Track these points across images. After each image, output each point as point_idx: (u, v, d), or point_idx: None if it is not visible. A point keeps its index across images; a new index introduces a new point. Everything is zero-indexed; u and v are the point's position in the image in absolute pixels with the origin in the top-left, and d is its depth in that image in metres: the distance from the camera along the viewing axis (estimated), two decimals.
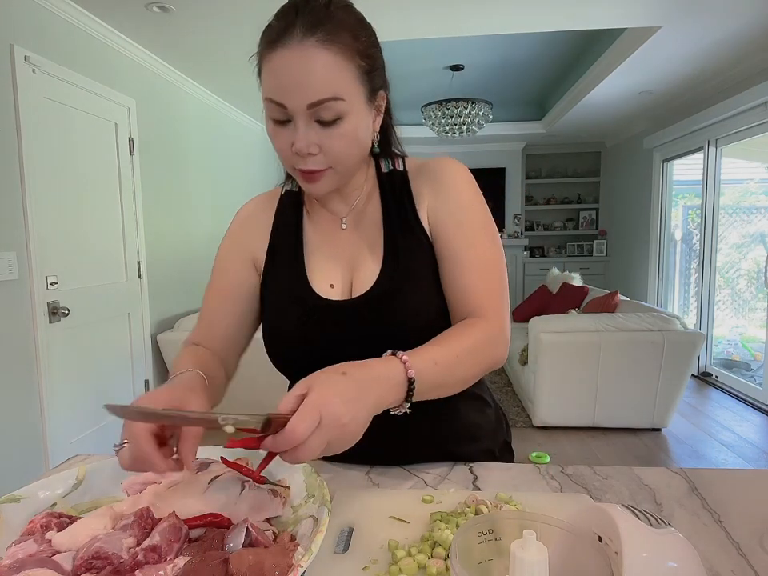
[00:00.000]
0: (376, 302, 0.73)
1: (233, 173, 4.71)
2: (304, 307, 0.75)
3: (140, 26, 2.84)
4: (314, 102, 0.64)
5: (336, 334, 0.74)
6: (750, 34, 3.15)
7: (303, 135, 0.65)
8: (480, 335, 0.70)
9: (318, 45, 0.62)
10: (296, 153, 0.67)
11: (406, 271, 0.74)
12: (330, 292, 0.76)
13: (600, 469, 0.76)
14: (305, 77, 0.63)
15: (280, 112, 0.65)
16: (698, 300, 4.55)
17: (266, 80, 0.66)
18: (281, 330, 0.77)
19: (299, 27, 0.62)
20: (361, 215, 0.81)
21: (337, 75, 0.64)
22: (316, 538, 0.49)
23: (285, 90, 0.64)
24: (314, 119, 0.65)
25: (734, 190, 4.50)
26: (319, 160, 0.68)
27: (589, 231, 7.11)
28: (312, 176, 0.69)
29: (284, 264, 0.80)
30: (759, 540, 0.57)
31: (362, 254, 0.78)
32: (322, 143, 0.67)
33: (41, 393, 2.41)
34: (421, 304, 0.74)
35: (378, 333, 0.73)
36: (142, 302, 3.23)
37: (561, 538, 0.43)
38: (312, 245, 0.80)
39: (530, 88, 5.40)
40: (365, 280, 0.76)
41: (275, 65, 0.63)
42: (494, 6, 2.75)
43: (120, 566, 0.48)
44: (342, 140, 0.67)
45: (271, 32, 0.64)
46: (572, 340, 3.07)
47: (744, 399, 3.86)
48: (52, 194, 2.47)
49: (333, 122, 0.65)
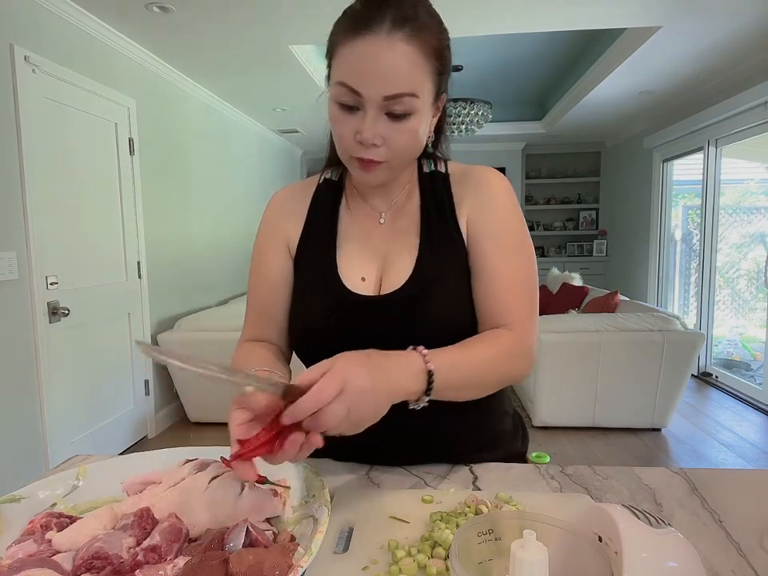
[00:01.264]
0: (405, 301, 0.73)
1: (233, 173, 4.71)
2: (332, 299, 0.75)
3: (140, 26, 2.84)
4: (391, 95, 0.64)
5: (361, 328, 0.74)
6: (749, 33, 3.15)
7: (371, 125, 0.65)
8: (505, 347, 0.70)
9: (405, 39, 0.63)
10: (360, 141, 0.67)
11: (438, 273, 0.75)
12: (360, 285, 0.76)
13: (600, 469, 0.75)
14: (388, 68, 0.63)
15: (352, 98, 0.65)
16: (698, 300, 4.55)
17: (343, 63, 0.65)
18: (306, 319, 0.77)
19: (389, 18, 0.62)
20: (400, 212, 0.81)
21: (417, 72, 0.65)
22: (316, 537, 0.49)
23: (364, 78, 0.63)
24: (384, 111, 0.66)
25: (734, 190, 4.50)
26: (381, 152, 0.68)
27: (589, 231, 7.11)
28: (369, 165, 0.70)
29: (317, 252, 0.79)
30: (759, 540, 0.57)
31: (397, 250, 0.78)
32: (387, 136, 0.67)
33: (41, 393, 2.41)
34: (449, 307, 0.74)
35: (403, 331, 0.72)
36: (142, 302, 3.23)
37: (561, 538, 0.43)
38: (347, 235, 0.80)
39: (530, 88, 5.40)
40: (396, 277, 0.76)
41: (359, 50, 0.63)
42: (493, 6, 2.75)
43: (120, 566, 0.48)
44: (406, 135, 0.68)
45: (356, 17, 0.64)
46: (572, 340, 3.07)
47: (744, 399, 3.86)
48: (52, 193, 2.46)
49: (402, 116, 0.66)
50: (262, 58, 3.38)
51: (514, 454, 0.90)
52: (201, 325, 3.28)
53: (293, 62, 3.46)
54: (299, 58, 3.42)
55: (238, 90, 4.13)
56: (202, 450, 0.67)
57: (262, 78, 3.81)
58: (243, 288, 4.92)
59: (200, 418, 3.46)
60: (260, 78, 3.81)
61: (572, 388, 3.13)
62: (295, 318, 0.79)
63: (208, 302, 4.15)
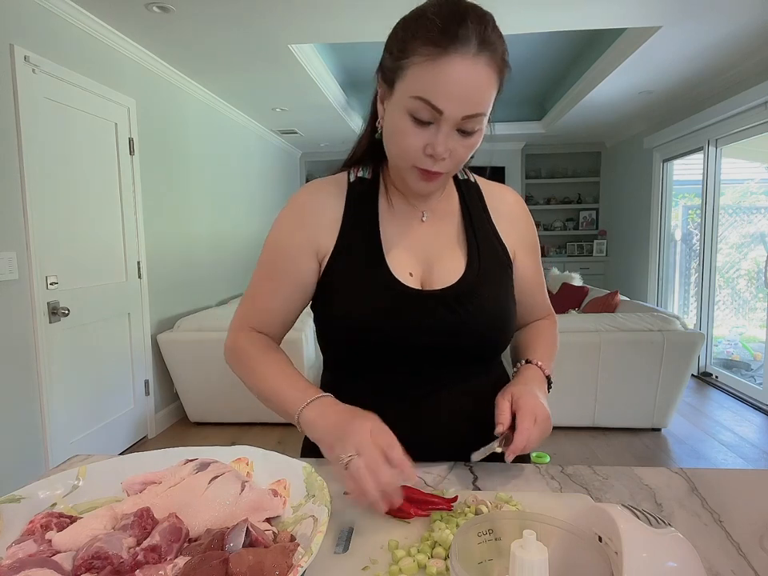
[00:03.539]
0: (462, 296, 0.77)
1: (233, 173, 4.72)
2: (388, 295, 0.76)
3: (140, 26, 2.84)
4: (469, 115, 0.66)
5: (414, 320, 0.75)
6: (749, 34, 3.15)
7: (444, 140, 0.67)
8: (554, 332, 0.93)
9: (486, 63, 0.64)
10: (430, 155, 0.68)
11: (488, 272, 0.80)
12: (410, 280, 0.78)
13: (600, 469, 0.76)
14: (473, 90, 0.64)
15: (429, 114, 0.65)
16: (698, 300, 4.55)
17: (424, 78, 0.64)
18: (360, 316, 0.76)
19: (475, 39, 0.63)
20: (440, 211, 0.84)
21: (490, 94, 0.67)
22: (316, 537, 0.49)
23: (449, 98, 0.64)
24: (456, 127, 0.67)
25: (734, 190, 4.50)
26: (446, 164, 0.70)
27: (589, 231, 7.11)
28: (433, 176, 0.72)
29: (361, 250, 0.78)
30: (759, 540, 0.57)
31: (442, 247, 0.81)
32: (453, 149, 0.69)
33: (41, 393, 2.41)
34: (499, 304, 0.80)
35: (454, 325, 0.76)
36: (141, 302, 3.23)
37: (561, 538, 0.43)
38: (390, 234, 0.80)
39: (530, 88, 5.40)
40: (448, 273, 0.79)
41: (446, 69, 0.63)
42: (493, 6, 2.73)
43: (120, 566, 0.48)
44: (469, 149, 0.71)
45: (440, 30, 0.63)
46: (572, 340, 3.07)
47: (744, 399, 3.86)
48: (52, 194, 2.46)
49: (471, 133, 0.68)
50: (261, 57, 3.38)
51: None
52: (201, 325, 3.28)
53: (292, 62, 3.46)
54: (299, 58, 3.42)
55: (238, 90, 4.13)
56: (201, 450, 0.67)
57: (262, 77, 3.81)
58: (243, 288, 4.91)
59: (200, 418, 3.46)
60: (260, 77, 3.81)
61: (572, 388, 3.13)
62: (345, 315, 0.77)
63: (208, 302, 4.15)
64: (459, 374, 0.80)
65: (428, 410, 0.79)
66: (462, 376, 0.81)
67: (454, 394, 0.80)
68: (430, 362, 0.78)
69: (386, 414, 0.65)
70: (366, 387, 0.80)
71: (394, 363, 0.78)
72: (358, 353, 0.78)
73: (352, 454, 0.59)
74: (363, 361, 0.79)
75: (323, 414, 0.66)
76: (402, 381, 0.79)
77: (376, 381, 0.80)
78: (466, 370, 0.81)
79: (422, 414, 0.79)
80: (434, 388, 0.79)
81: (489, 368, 0.85)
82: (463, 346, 0.78)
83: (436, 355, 0.77)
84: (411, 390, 0.79)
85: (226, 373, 3.19)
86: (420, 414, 0.79)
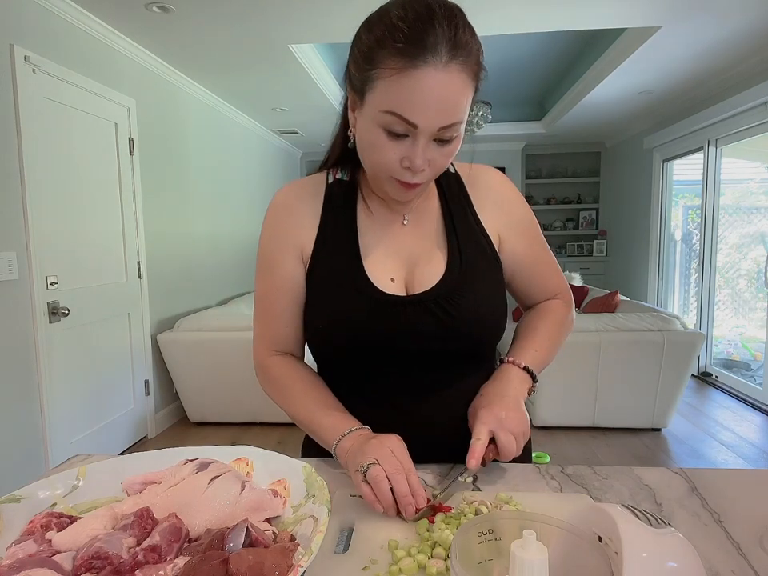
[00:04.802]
0: (442, 299, 0.75)
1: (233, 173, 4.71)
2: (365, 302, 0.74)
3: (140, 26, 2.84)
4: (445, 126, 0.63)
5: (395, 327, 0.74)
6: (749, 34, 3.15)
7: (422, 153, 0.65)
8: (561, 313, 0.87)
9: (459, 69, 0.61)
10: (408, 168, 0.66)
11: (470, 271, 0.77)
12: (391, 286, 0.76)
13: (600, 469, 0.75)
14: (446, 101, 0.61)
15: (403, 127, 0.63)
16: (698, 300, 4.55)
17: (393, 92, 0.61)
18: (338, 321, 0.75)
19: (444, 46, 0.59)
20: (421, 213, 0.81)
21: (465, 100, 0.64)
22: (316, 538, 0.49)
23: (422, 111, 0.61)
24: (433, 138, 0.65)
25: (734, 190, 4.49)
26: (425, 174, 0.68)
27: (589, 231, 7.11)
28: (413, 186, 0.69)
29: (339, 255, 0.77)
30: (759, 540, 0.57)
31: (424, 250, 0.79)
32: (432, 159, 0.67)
33: (41, 393, 2.41)
34: (484, 303, 0.77)
35: (437, 329, 0.74)
36: (141, 302, 3.23)
37: (561, 538, 0.43)
38: (370, 238, 0.78)
39: (530, 88, 5.40)
40: (428, 277, 0.77)
41: (415, 83, 0.59)
42: (494, 6, 2.75)
43: (120, 565, 0.48)
44: (449, 157, 0.68)
45: (406, 40, 0.59)
46: (572, 340, 3.06)
47: (744, 399, 3.86)
48: (52, 194, 2.47)
49: (448, 141, 0.66)
50: (261, 57, 3.38)
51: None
52: (201, 325, 3.28)
53: (292, 62, 3.46)
54: (299, 58, 3.42)
55: (238, 90, 4.13)
56: (201, 450, 0.67)
57: (262, 77, 3.81)
58: (243, 288, 4.92)
59: (200, 418, 3.46)
60: (260, 77, 3.81)
61: (572, 388, 3.13)
62: (324, 320, 0.77)
63: (208, 302, 4.15)
64: (451, 374, 0.79)
65: (420, 413, 0.78)
66: (454, 376, 0.79)
67: (446, 394, 0.79)
68: (419, 365, 0.77)
69: (376, 419, 0.65)
70: (355, 392, 0.79)
71: (379, 369, 0.77)
72: (343, 360, 0.78)
73: (372, 462, 0.61)
74: (349, 368, 0.79)
75: (356, 441, 0.68)
76: (390, 385, 0.78)
77: (364, 387, 0.79)
78: (457, 370, 0.79)
79: (413, 417, 0.78)
80: (425, 391, 0.78)
81: (481, 365, 0.83)
82: (449, 349, 0.76)
83: (422, 359, 0.76)
84: (400, 394, 0.78)
85: (226, 373, 3.19)
86: (412, 418, 0.78)
